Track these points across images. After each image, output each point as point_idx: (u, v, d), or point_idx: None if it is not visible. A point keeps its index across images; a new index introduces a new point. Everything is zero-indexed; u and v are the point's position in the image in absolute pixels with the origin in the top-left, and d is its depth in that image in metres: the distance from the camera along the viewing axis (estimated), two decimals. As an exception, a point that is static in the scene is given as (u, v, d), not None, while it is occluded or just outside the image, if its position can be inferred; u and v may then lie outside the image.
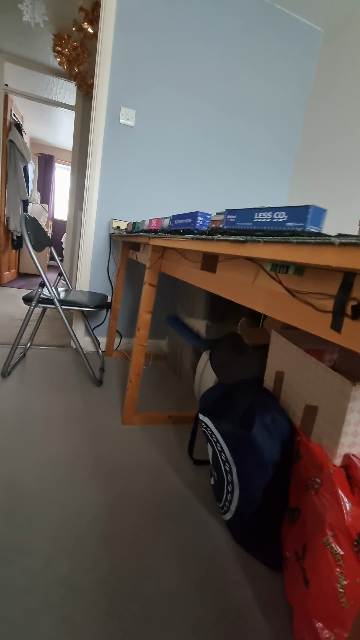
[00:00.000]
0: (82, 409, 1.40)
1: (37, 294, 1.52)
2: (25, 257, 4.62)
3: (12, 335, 2.14)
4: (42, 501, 0.90)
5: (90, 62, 2.53)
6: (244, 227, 0.65)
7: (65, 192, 5.83)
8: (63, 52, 2.47)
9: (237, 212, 0.68)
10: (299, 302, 0.50)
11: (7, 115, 3.24)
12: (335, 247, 0.35)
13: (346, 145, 1.88)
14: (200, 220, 0.88)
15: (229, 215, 0.71)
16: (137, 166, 1.96)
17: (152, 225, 1.25)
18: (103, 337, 2.16)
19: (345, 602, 0.59)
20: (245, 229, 0.64)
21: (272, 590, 0.77)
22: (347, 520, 0.62)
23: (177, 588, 0.74)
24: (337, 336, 0.43)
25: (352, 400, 0.67)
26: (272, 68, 2.08)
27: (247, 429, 0.81)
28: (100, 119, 1.82)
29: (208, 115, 2.03)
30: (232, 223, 0.69)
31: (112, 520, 0.88)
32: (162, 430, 1.35)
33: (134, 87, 1.86)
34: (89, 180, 1.89)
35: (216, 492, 0.97)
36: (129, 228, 1.58)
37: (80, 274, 2.02)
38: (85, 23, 2.18)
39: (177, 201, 2.08)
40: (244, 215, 0.65)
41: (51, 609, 0.66)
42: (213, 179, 2.13)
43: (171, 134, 1.98)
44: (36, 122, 4.59)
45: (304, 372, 0.83)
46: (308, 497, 0.72)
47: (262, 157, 2.20)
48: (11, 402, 1.36)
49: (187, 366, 1.74)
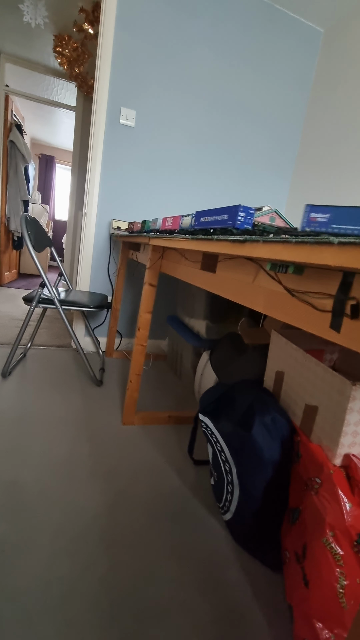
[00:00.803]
0: (82, 409, 1.40)
1: (37, 294, 1.52)
2: (25, 257, 4.62)
3: (12, 335, 2.14)
4: (42, 501, 0.90)
5: (90, 62, 2.53)
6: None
7: (65, 192, 5.84)
8: (64, 52, 2.48)
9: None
10: (299, 302, 0.50)
11: (8, 115, 3.24)
12: (335, 246, 0.35)
13: (347, 145, 1.88)
14: (241, 217, 0.66)
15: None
16: (138, 166, 1.96)
17: (168, 225, 1.04)
18: (103, 337, 2.16)
19: (345, 602, 0.59)
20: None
21: (271, 590, 0.77)
22: (347, 520, 0.62)
23: (177, 588, 0.74)
24: (336, 335, 0.43)
25: (352, 400, 0.67)
26: (272, 68, 2.08)
27: (247, 429, 0.81)
28: (100, 119, 1.83)
29: (208, 115, 2.03)
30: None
31: (112, 520, 0.88)
32: (162, 430, 1.35)
33: (135, 87, 1.86)
34: (90, 181, 1.89)
35: (216, 492, 0.97)
36: (135, 228, 1.52)
37: (81, 274, 2.02)
38: (86, 24, 2.18)
39: (177, 201, 2.09)
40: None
41: (51, 608, 0.66)
42: (213, 179, 2.13)
43: (171, 134, 1.98)
44: (37, 123, 4.60)
45: (304, 372, 0.83)
46: (308, 497, 0.72)
47: (262, 157, 2.20)
48: (11, 402, 1.36)
49: (187, 366, 1.74)
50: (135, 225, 1.52)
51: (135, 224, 1.52)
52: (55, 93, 3.57)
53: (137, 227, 1.49)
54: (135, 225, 1.52)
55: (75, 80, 2.74)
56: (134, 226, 1.53)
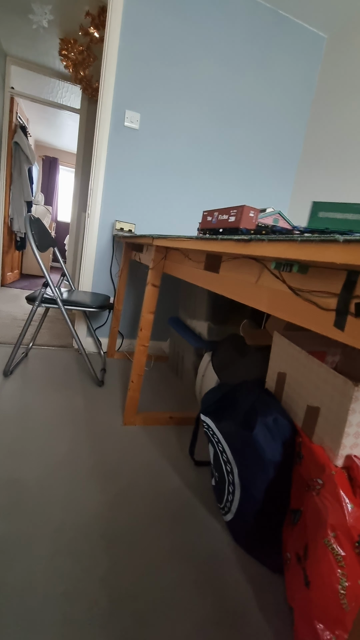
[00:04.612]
0: (84, 409, 1.40)
1: (40, 293, 1.52)
2: (28, 258, 4.64)
3: (14, 335, 2.15)
4: (43, 500, 0.90)
5: (95, 65, 2.56)
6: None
7: (68, 194, 5.87)
8: (69, 55, 2.50)
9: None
10: (303, 301, 0.50)
11: (13, 117, 3.27)
12: (340, 244, 0.35)
13: (350, 149, 1.89)
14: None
15: None
16: (141, 168, 1.98)
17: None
18: (105, 338, 2.16)
19: (347, 603, 0.59)
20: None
21: (272, 591, 0.77)
22: (349, 521, 0.61)
23: (177, 588, 0.74)
24: (340, 334, 0.43)
25: (354, 401, 0.67)
26: (276, 73, 2.10)
27: (249, 430, 0.81)
28: (105, 121, 1.84)
29: (212, 119, 2.04)
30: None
31: (113, 520, 0.88)
32: (163, 431, 1.35)
33: (139, 90, 1.88)
34: (93, 182, 1.91)
35: (217, 493, 0.97)
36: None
37: (83, 275, 2.03)
38: (92, 27, 2.20)
39: (181, 203, 2.10)
40: None
41: (51, 607, 0.65)
42: (217, 182, 2.14)
43: (175, 137, 2.00)
44: (41, 125, 4.63)
45: (306, 373, 0.83)
46: (309, 498, 0.72)
47: (265, 161, 2.21)
48: (13, 402, 1.36)
49: (189, 367, 1.74)
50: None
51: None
52: (60, 96, 3.60)
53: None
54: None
55: (80, 83, 2.77)
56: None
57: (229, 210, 0.83)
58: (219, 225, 0.89)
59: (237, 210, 0.80)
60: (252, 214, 0.79)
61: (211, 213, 0.94)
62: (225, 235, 0.63)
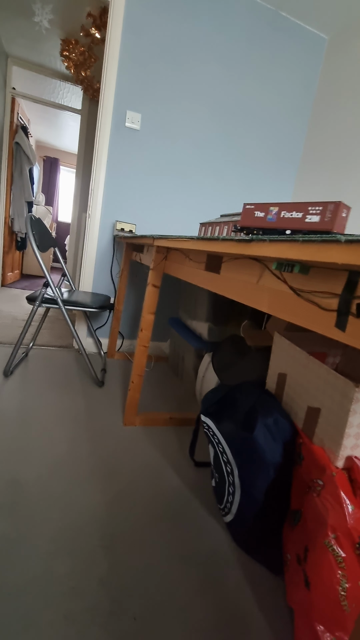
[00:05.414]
0: (84, 409, 1.40)
1: (40, 293, 1.52)
2: (28, 258, 4.64)
3: (14, 335, 2.15)
4: (43, 500, 0.90)
5: (96, 66, 2.56)
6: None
7: (69, 194, 5.87)
8: (70, 56, 2.51)
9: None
10: (304, 301, 0.50)
11: (14, 118, 3.27)
12: (342, 244, 0.35)
13: (350, 150, 1.89)
14: None
15: None
16: (142, 169, 1.98)
17: None
18: (105, 339, 2.16)
19: (347, 604, 0.59)
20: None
21: (272, 592, 0.77)
22: (349, 522, 0.61)
23: (177, 589, 0.74)
24: (341, 335, 0.43)
25: (355, 402, 0.67)
26: (277, 74, 2.10)
27: (249, 430, 0.81)
28: (106, 121, 1.84)
29: (213, 119, 2.05)
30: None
31: (113, 520, 0.88)
32: (163, 432, 1.35)
33: (140, 91, 1.88)
34: (94, 182, 1.91)
35: (217, 494, 0.97)
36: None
37: (84, 275, 2.03)
38: (93, 28, 2.21)
39: (182, 204, 2.10)
40: None
41: (51, 607, 0.65)
42: (217, 183, 2.14)
43: (176, 137, 2.00)
44: (42, 125, 4.64)
45: (307, 374, 0.83)
46: (310, 499, 0.72)
47: (267, 162, 2.21)
48: (13, 402, 1.36)
49: (189, 368, 1.74)
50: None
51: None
52: (61, 96, 3.60)
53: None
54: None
55: (81, 84, 2.77)
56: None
57: (306, 207, 0.61)
58: (285, 226, 0.66)
59: (323, 207, 0.57)
60: (344, 213, 0.57)
61: (264, 207, 0.71)
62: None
